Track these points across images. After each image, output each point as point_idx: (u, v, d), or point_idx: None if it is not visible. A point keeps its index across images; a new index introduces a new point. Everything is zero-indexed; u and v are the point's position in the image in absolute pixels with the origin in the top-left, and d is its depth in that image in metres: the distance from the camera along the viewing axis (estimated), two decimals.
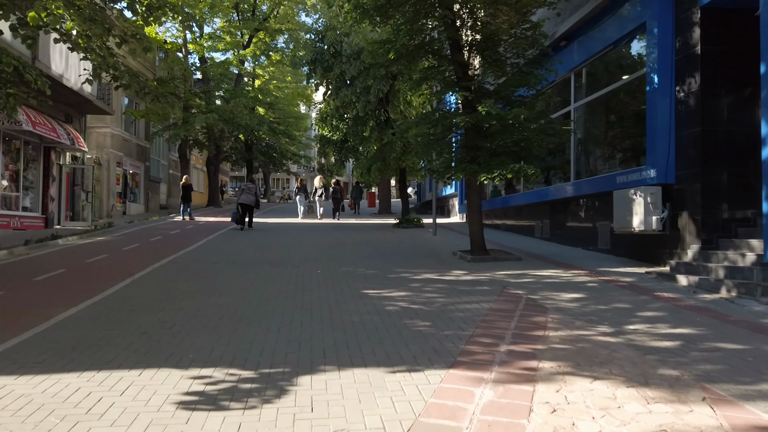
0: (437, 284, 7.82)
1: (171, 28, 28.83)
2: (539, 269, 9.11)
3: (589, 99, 11.53)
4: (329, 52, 18.08)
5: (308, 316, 5.79)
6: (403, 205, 19.35)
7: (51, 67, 15.18)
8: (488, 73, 10.36)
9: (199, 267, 9.33)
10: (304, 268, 9.28)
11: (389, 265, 9.73)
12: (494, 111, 8.83)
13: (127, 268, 9.05)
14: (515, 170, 9.08)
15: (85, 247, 12.26)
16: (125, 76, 7.83)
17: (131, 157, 26.02)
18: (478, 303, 6.50)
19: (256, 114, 31.43)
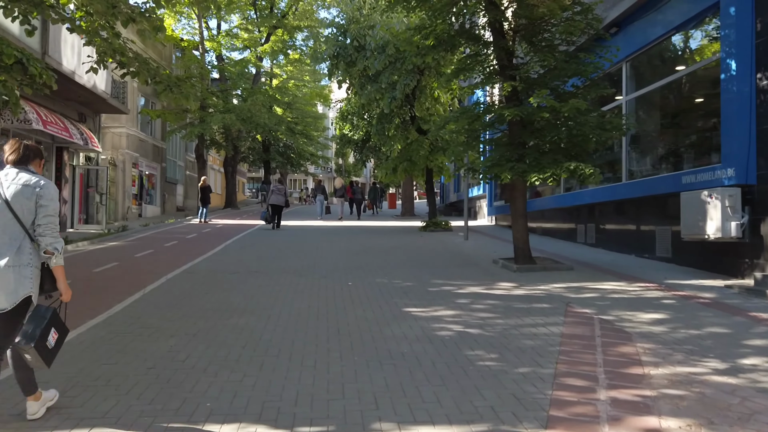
0: (487, 300, 6.82)
1: (186, 25, 28.14)
2: (598, 281, 8.06)
3: (645, 91, 10.43)
4: (352, 46, 17.14)
5: (347, 345, 4.83)
6: (430, 207, 18.34)
7: (62, 63, 14.45)
8: (534, 61, 9.32)
9: (217, 278, 8.44)
10: (332, 279, 8.33)
11: (426, 275, 8.75)
12: (548, 103, 7.80)
13: (137, 280, 8.18)
14: (571, 170, 8.03)
15: (95, 253, 11.46)
16: (134, 62, 6.96)
17: (147, 157, 25.36)
18: (544, 326, 5.50)
19: (274, 113, 30.65)
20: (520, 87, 8.26)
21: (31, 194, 3.00)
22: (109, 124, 22.33)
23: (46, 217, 3.04)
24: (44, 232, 3.02)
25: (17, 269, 2.93)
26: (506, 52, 8.84)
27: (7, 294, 2.93)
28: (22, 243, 2.98)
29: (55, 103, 16.53)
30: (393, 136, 18.01)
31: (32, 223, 3.01)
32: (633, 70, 10.93)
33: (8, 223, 2.96)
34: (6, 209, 2.95)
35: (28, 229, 3.00)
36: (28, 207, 2.99)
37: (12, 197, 2.97)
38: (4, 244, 2.94)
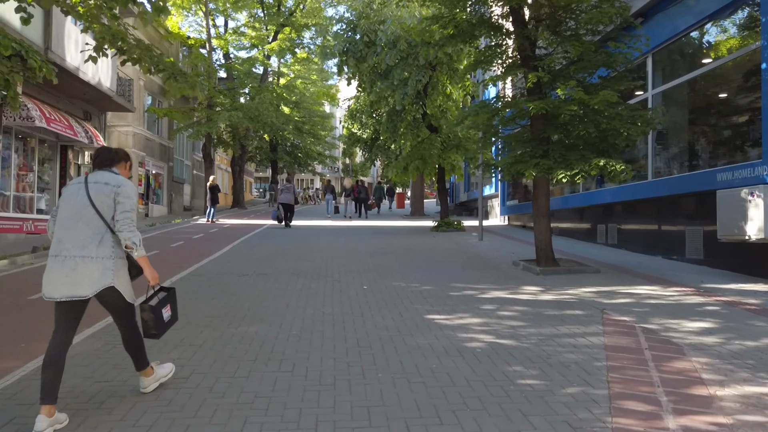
0: (515, 306, 6.32)
1: (194, 22, 27.78)
2: (629, 285, 7.55)
3: (672, 84, 9.90)
4: (362, 41, 16.66)
5: (368, 359, 4.35)
6: (442, 206, 17.83)
7: (66, 59, 14.07)
8: (558, 52, 8.82)
9: (224, 281, 7.99)
10: (346, 283, 7.86)
11: (444, 278, 8.26)
12: (576, 95, 7.29)
13: (140, 282, 7.71)
14: (600, 167, 7.52)
15: None
16: (135, 49, 6.50)
17: (154, 157, 25.00)
18: (583, 336, 5.00)
19: (281, 112, 30.24)
20: (545, 78, 7.76)
21: (110, 192, 3.28)
22: (116, 122, 21.98)
23: (123, 213, 3.29)
24: (122, 227, 3.27)
25: (100, 260, 3.20)
26: (529, 41, 8.34)
27: (90, 282, 3.20)
28: (104, 236, 3.26)
29: (60, 100, 16.16)
30: (404, 133, 17.53)
31: (112, 219, 3.28)
32: (659, 63, 10.39)
33: (91, 218, 3.25)
34: (90, 206, 3.24)
35: (109, 224, 3.28)
36: (108, 204, 3.27)
37: (94, 195, 3.27)
38: (88, 237, 3.23)
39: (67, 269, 3.17)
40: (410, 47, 15.61)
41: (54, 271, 3.21)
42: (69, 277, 3.17)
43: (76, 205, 3.28)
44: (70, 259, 3.19)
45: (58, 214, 3.34)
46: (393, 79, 15.85)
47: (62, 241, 3.24)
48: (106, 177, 3.35)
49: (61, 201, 3.37)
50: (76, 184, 3.37)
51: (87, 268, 3.19)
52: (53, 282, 3.20)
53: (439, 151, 16.48)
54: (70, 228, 3.25)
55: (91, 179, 3.34)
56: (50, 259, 3.26)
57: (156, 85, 25.09)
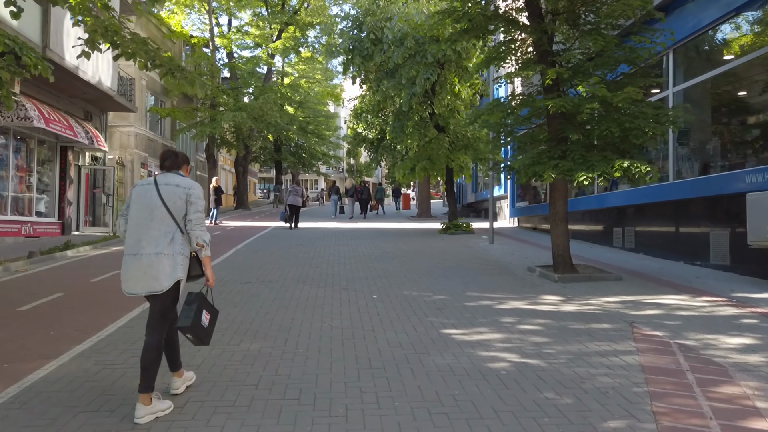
0: (536, 318, 5.90)
1: (197, 20, 27.46)
2: (655, 294, 7.11)
3: (696, 81, 9.45)
4: (368, 39, 16.23)
5: (383, 383, 3.94)
6: (450, 208, 17.39)
7: (65, 58, 13.71)
8: (576, 47, 8.39)
9: (226, 289, 7.59)
10: (354, 290, 7.45)
11: (457, 285, 7.85)
12: (599, 92, 6.86)
13: None
14: (624, 168, 7.09)
15: (96, 260, 10.66)
16: (130, 43, 6.09)
17: (157, 157, 24.62)
18: (615, 355, 4.58)
19: (285, 112, 29.86)
20: (566, 75, 7.32)
21: (183, 194, 3.49)
22: (117, 122, 21.64)
23: (196, 213, 3.52)
24: (194, 227, 3.50)
25: (171, 257, 3.40)
26: (547, 36, 7.91)
27: (164, 277, 3.39)
28: (174, 235, 3.46)
29: (60, 100, 15.82)
30: (410, 134, 17.10)
31: (182, 218, 3.49)
32: (681, 59, 9.94)
33: (163, 218, 3.44)
34: (162, 206, 3.44)
35: (179, 223, 3.48)
36: (179, 205, 3.48)
37: (166, 196, 3.47)
38: (161, 235, 3.42)
39: (144, 266, 3.38)
40: (418, 45, 15.19)
41: (132, 268, 3.43)
42: (147, 273, 3.39)
43: (148, 206, 3.46)
44: (146, 257, 3.40)
45: (130, 214, 3.54)
46: (400, 77, 15.42)
47: (138, 240, 3.44)
48: (176, 179, 3.55)
49: (132, 202, 3.56)
50: (146, 185, 3.56)
51: (161, 264, 3.39)
52: (132, 278, 3.44)
53: (447, 151, 16.04)
54: (144, 227, 3.45)
55: (161, 181, 3.52)
56: (127, 257, 3.47)
57: (158, 85, 24.74)
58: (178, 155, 3.74)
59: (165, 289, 3.42)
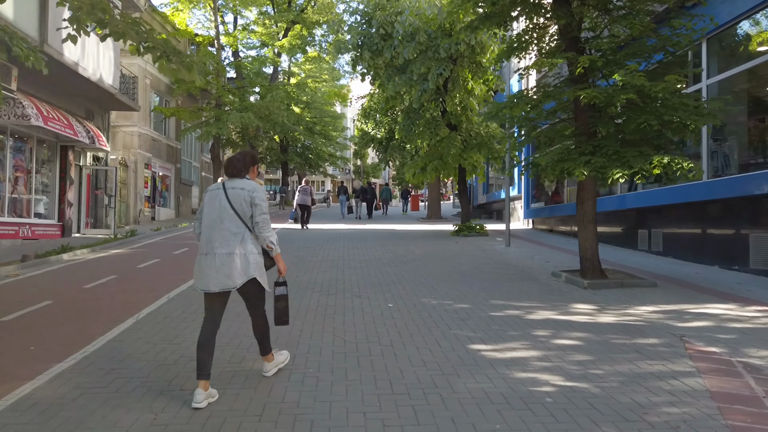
0: (573, 331, 5.27)
1: (201, 17, 26.96)
2: (697, 303, 6.48)
3: (734, 72, 8.80)
4: (378, 34, 15.63)
5: (409, 415, 3.33)
6: (463, 209, 16.73)
7: (63, 53, 13.20)
8: (604, 35, 7.76)
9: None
10: (367, 298, 6.85)
11: (478, 292, 7.23)
12: (637, 81, 6.23)
13: (133, 300, 6.78)
14: (664, 165, 6.46)
15: (92, 264, 10.11)
16: (118, 22, 5.50)
17: (161, 158, 24.16)
18: (674, 377, 3.96)
19: (292, 111, 29.32)
20: (600, 63, 6.70)
21: (247, 196, 3.68)
22: (120, 122, 21.15)
23: (261, 215, 3.71)
24: (261, 229, 3.70)
25: (243, 256, 3.62)
26: (577, 21, 7.29)
27: (236, 275, 3.61)
28: (244, 235, 3.67)
29: (60, 98, 15.32)
30: (421, 132, 16.47)
31: (249, 219, 3.69)
32: (716, 49, 9.30)
33: (232, 219, 3.65)
34: (230, 208, 3.65)
35: (247, 224, 3.69)
36: (245, 207, 3.67)
37: (233, 199, 3.67)
38: (232, 235, 3.63)
39: (218, 265, 3.60)
40: (430, 39, 14.59)
41: (206, 267, 3.64)
42: (220, 272, 3.60)
43: (218, 209, 3.69)
44: (219, 256, 3.62)
45: (203, 217, 3.77)
46: (411, 73, 14.81)
47: (210, 240, 3.67)
48: (241, 183, 3.75)
49: (204, 206, 3.80)
50: (216, 190, 3.79)
51: (234, 263, 3.60)
52: (206, 276, 3.63)
53: (460, 150, 15.41)
54: (215, 229, 3.67)
55: (228, 185, 3.74)
56: (201, 257, 3.70)
57: (163, 84, 24.27)
58: (242, 159, 3.85)
59: (238, 286, 3.66)
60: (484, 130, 15.84)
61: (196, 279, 3.74)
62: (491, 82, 15.45)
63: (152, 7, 22.50)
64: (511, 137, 8.48)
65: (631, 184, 11.38)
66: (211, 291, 3.65)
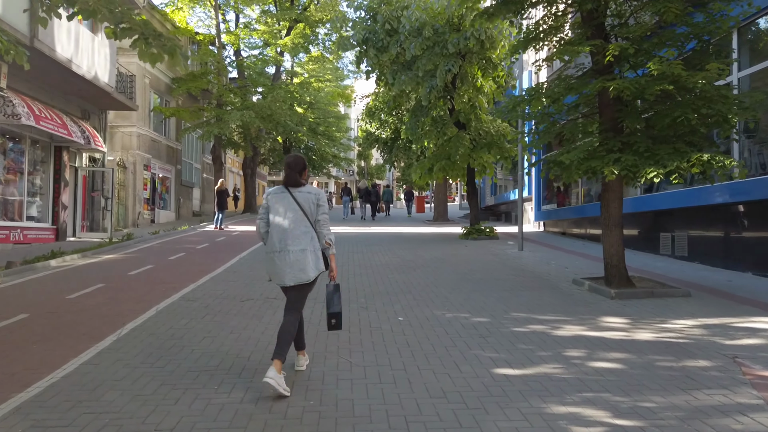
0: (608, 351, 4.65)
1: (202, 13, 26.39)
2: (740, 316, 5.85)
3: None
4: (384, 29, 15.05)
5: None
6: (472, 211, 16.09)
7: (56, 50, 12.64)
8: (627, 22, 7.13)
9: (223, 308, 6.41)
10: (375, 310, 6.24)
11: (496, 302, 6.62)
12: (675, 70, 5.61)
13: (118, 312, 6.19)
14: (704, 162, 5.83)
15: (81, 271, 9.52)
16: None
17: (160, 159, 23.60)
18: (741, 412, 3.35)
19: (295, 111, 28.72)
20: (631, 50, 6.07)
21: (314, 199, 4.03)
22: (119, 122, 20.61)
23: (323, 215, 4.04)
24: (322, 227, 4.02)
25: (313, 252, 3.94)
26: (603, 6, 6.67)
27: (310, 269, 3.90)
28: (311, 233, 3.99)
29: (54, 97, 14.78)
30: (428, 132, 15.85)
31: (314, 220, 4.01)
32: (748, 39, 8.66)
33: (302, 220, 3.97)
34: (299, 210, 3.97)
35: (312, 224, 4.01)
36: (312, 208, 4.00)
37: (302, 201, 3.99)
38: (302, 234, 3.94)
39: (291, 261, 3.86)
40: (437, 34, 13.99)
41: (279, 263, 3.89)
42: (294, 267, 3.86)
43: (288, 210, 3.95)
44: (292, 253, 3.87)
45: (271, 218, 4.01)
46: (418, 70, 14.21)
47: (283, 239, 3.91)
48: (307, 187, 4.05)
49: (271, 208, 4.02)
50: (280, 193, 4.03)
51: (306, 258, 3.87)
52: (281, 272, 3.89)
53: (468, 150, 14.79)
54: (287, 228, 3.92)
55: (293, 189, 4.02)
56: (273, 255, 3.93)
57: (163, 84, 23.73)
58: (297, 169, 4.06)
59: (311, 279, 3.91)
60: (494, 128, 15.21)
61: (270, 275, 4.03)
62: (501, 79, 14.82)
63: (151, 5, 21.97)
64: (530, 134, 7.83)
65: (651, 185, 10.72)
66: (287, 285, 3.92)
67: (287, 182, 4.04)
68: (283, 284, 3.93)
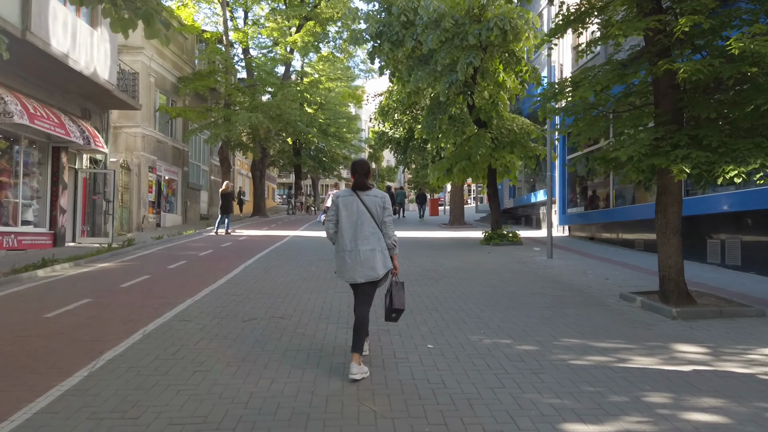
0: (700, 396, 3.67)
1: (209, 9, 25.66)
2: None
3: None
4: (399, 22, 14.15)
5: None
6: (493, 214, 15.08)
7: (51, 43, 11.85)
8: None
9: (221, 331, 5.50)
10: (398, 335, 5.31)
11: (540, 324, 5.66)
12: (764, 49, 4.63)
13: (98, 335, 5.30)
14: None
15: (69, 282, 8.66)
16: None
17: (166, 161, 22.84)
18: None
19: (305, 111, 27.89)
20: (707, 25, 5.09)
21: (381, 202, 4.35)
22: (123, 123, 19.88)
23: (389, 217, 4.38)
24: (388, 228, 4.35)
25: (381, 251, 4.27)
26: None
27: (379, 267, 4.24)
28: (379, 234, 4.31)
29: (52, 95, 14.01)
30: (446, 131, 14.89)
31: (381, 221, 4.33)
32: None
33: (370, 221, 4.29)
34: (367, 212, 4.30)
35: (379, 225, 4.32)
36: (379, 211, 4.33)
37: (369, 205, 4.32)
38: (371, 234, 4.28)
39: (362, 259, 4.23)
40: (457, 26, 13.04)
41: (350, 262, 4.26)
42: (364, 265, 4.23)
43: (357, 213, 4.31)
44: (362, 252, 4.25)
45: (341, 220, 4.34)
46: (436, 64, 13.27)
47: (354, 239, 4.28)
48: (374, 191, 4.42)
49: (340, 210, 4.36)
50: (348, 196, 4.37)
51: (375, 257, 4.24)
52: (351, 270, 4.26)
53: (490, 149, 13.82)
54: (356, 230, 4.29)
55: (361, 193, 4.36)
56: (344, 254, 4.29)
57: (169, 83, 22.99)
58: (365, 175, 4.38)
59: (380, 276, 4.25)
60: (518, 126, 14.23)
61: (340, 273, 4.33)
62: (525, 74, 13.82)
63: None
64: (572, 127, 6.84)
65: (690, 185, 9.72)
66: (357, 282, 4.24)
67: (356, 186, 4.36)
68: (354, 281, 4.26)
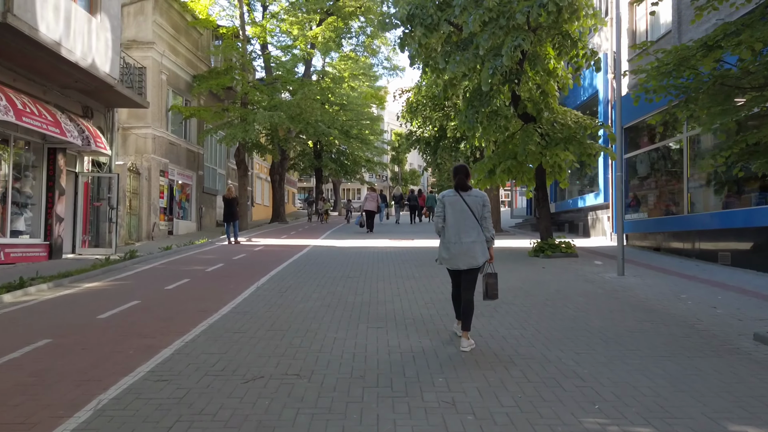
0: None
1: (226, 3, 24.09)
2: None
3: None
4: (433, 3, 12.42)
5: None
6: (543, 221, 13.11)
7: (39, 29, 10.38)
8: None
9: (212, 402, 3.81)
10: (471, 408, 3.54)
11: (669, 389, 3.86)
12: None
13: (33, 408, 3.64)
14: None
15: (36, 312, 7.03)
16: None
17: (180, 164, 21.41)
18: None
19: (326, 110, 26.28)
20: None
21: (481, 201, 5.17)
22: (132, 123, 18.51)
23: (487, 213, 5.17)
24: (487, 224, 5.15)
25: (480, 243, 5.07)
26: None
27: (479, 256, 5.06)
28: (478, 229, 5.11)
29: (47, 91, 12.58)
30: (486, 126, 13.07)
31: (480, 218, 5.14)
32: None
33: (470, 217, 5.11)
34: (469, 210, 5.11)
35: (479, 221, 5.11)
36: (479, 209, 5.13)
37: (471, 204, 5.13)
38: (471, 229, 5.09)
39: (465, 250, 5.04)
40: (501, 4, 11.24)
41: (456, 252, 5.08)
42: (467, 255, 5.04)
43: (461, 210, 5.12)
44: (465, 244, 5.05)
45: (447, 216, 5.17)
46: (477, 48, 11.47)
47: (458, 233, 5.09)
48: (475, 192, 5.23)
49: (447, 209, 5.18)
50: (453, 196, 5.19)
51: (476, 249, 5.04)
52: (456, 258, 5.09)
53: (540, 147, 11.98)
54: (462, 225, 5.10)
55: (463, 193, 5.16)
56: (450, 245, 5.12)
57: (182, 81, 21.59)
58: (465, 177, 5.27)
59: (480, 264, 5.06)
60: (572, 119, 12.37)
61: (446, 261, 5.18)
62: (581, 59, 11.92)
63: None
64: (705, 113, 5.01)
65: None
66: (460, 269, 5.08)
67: (458, 186, 5.19)
68: (457, 268, 5.09)
